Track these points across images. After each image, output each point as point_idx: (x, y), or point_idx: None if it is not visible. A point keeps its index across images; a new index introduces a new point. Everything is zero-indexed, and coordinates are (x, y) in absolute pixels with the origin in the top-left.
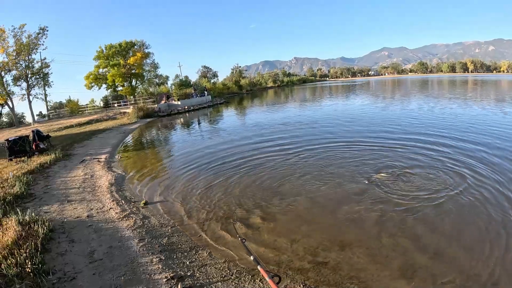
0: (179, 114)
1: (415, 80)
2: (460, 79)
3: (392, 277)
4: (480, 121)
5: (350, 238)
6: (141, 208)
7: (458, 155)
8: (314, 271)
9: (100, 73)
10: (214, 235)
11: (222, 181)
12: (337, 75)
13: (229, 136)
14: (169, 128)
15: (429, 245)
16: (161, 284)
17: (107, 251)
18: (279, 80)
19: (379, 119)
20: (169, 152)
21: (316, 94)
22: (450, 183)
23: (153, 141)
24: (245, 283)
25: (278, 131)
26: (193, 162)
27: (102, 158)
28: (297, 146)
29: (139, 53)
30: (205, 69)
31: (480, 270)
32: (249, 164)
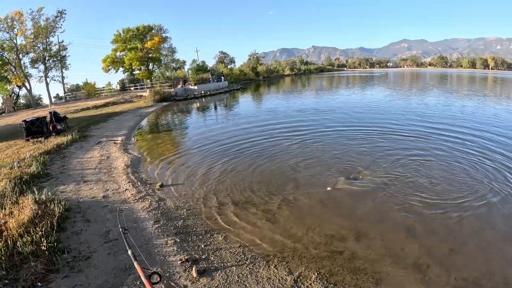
0: (195, 98)
1: (433, 74)
2: (479, 76)
3: (406, 270)
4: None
5: (366, 228)
6: (156, 190)
7: (477, 152)
8: (329, 260)
9: (117, 57)
10: (229, 219)
11: (238, 166)
12: (355, 66)
13: (245, 122)
14: (185, 112)
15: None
16: (175, 266)
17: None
18: (296, 68)
19: (391, 111)
20: (185, 136)
21: (332, 84)
22: (474, 179)
23: (169, 125)
24: (260, 269)
25: (294, 119)
26: (209, 146)
27: (118, 140)
28: (313, 133)
29: (156, 37)
30: (222, 55)
31: (495, 269)
32: (266, 150)
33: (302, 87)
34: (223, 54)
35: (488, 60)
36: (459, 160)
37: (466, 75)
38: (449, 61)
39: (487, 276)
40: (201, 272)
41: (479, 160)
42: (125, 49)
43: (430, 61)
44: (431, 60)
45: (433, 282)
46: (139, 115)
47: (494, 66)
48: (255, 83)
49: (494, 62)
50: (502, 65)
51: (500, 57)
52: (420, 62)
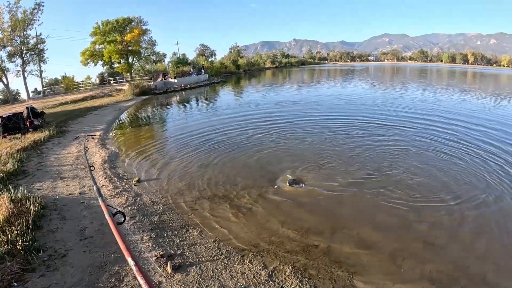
0: (175, 92)
1: (413, 68)
2: (459, 70)
3: (381, 262)
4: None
5: (342, 222)
6: (133, 186)
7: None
8: (304, 254)
9: (96, 50)
10: (205, 214)
11: (215, 160)
12: (336, 59)
13: (224, 115)
14: (164, 105)
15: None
16: (150, 262)
17: (98, 228)
18: (277, 61)
19: (372, 103)
20: (163, 130)
21: (313, 77)
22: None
23: (148, 119)
24: (234, 264)
25: (273, 111)
26: (187, 140)
27: (96, 135)
28: (291, 125)
29: (136, 30)
30: (203, 48)
31: (471, 262)
32: (245, 143)
33: (283, 80)
34: (203, 47)
35: (468, 55)
36: (436, 153)
37: (446, 70)
38: (429, 55)
39: (462, 269)
40: (176, 268)
41: (456, 154)
42: (104, 42)
43: (411, 55)
44: (412, 55)
45: (408, 274)
46: (118, 109)
47: (473, 61)
48: (235, 76)
49: (473, 57)
50: (482, 60)
51: (479, 52)
52: (400, 56)
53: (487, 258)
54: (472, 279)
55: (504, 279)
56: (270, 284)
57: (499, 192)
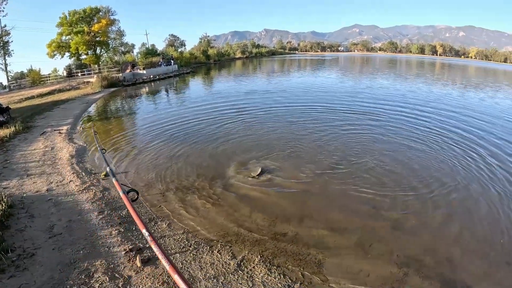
0: (144, 83)
1: (383, 59)
2: (428, 61)
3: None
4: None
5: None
6: (101, 180)
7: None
8: (272, 242)
9: (63, 41)
10: (174, 205)
11: (184, 151)
12: (307, 49)
13: (193, 106)
14: (133, 97)
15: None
16: (119, 257)
17: (66, 225)
18: (247, 51)
19: (337, 91)
20: (132, 122)
21: (284, 67)
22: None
23: (116, 111)
24: (203, 254)
25: (242, 101)
26: (156, 132)
27: (64, 130)
28: (260, 115)
29: (104, 20)
30: (172, 38)
31: (438, 246)
32: (213, 133)
33: (253, 70)
34: (173, 37)
35: (437, 46)
36: (403, 140)
37: (415, 60)
38: (399, 46)
39: (429, 253)
40: (145, 261)
41: (423, 141)
42: (71, 33)
43: (381, 46)
44: (382, 45)
45: (376, 259)
46: (86, 102)
47: (442, 52)
48: (205, 67)
49: (442, 48)
50: (450, 52)
51: (448, 44)
52: (370, 47)
53: (455, 242)
54: (439, 262)
55: (470, 262)
56: (239, 274)
57: (466, 178)
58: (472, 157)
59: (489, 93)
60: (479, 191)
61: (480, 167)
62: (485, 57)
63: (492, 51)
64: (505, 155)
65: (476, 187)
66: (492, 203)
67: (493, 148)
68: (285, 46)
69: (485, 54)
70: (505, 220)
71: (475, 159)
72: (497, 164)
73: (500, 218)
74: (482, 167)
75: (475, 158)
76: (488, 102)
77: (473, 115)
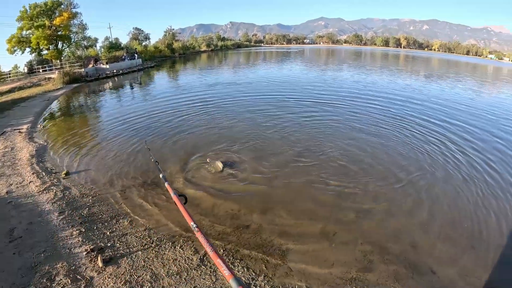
0: (107, 78)
1: (348, 51)
2: (392, 53)
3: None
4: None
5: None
6: (62, 179)
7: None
8: (235, 235)
9: (23, 36)
10: (135, 202)
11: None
12: (272, 42)
13: (157, 100)
14: (96, 93)
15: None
16: (81, 257)
17: (27, 227)
18: (213, 44)
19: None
20: (94, 118)
21: (249, 59)
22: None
23: (78, 108)
24: (166, 251)
25: (207, 93)
26: (119, 127)
27: (24, 129)
28: (223, 106)
29: (66, 13)
30: (136, 31)
31: (402, 232)
32: (175, 126)
33: (218, 63)
34: (137, 30)
35: (401, 39)
36: (368, 128)
37: (379, 53)
38: (364, 39)
39: (394, 240)
40: (107, 261)
41: (385, 130)
42: (32, 27)
43: (346, 38)
44: (347, 38)
45: (340, 248)
46: (47, 99)
47: (406, 45)
48: (170, 60)
49: (406, 41)
50: (414, 44)
51: (412, 37)
52: (336, 39)
53: (419, 229)
54: (404, 248)
55: (435, 247)
56: (202, 269)
57: (430, 164)
58: (436, 143)
59: (451, 83)
60: (444, 177)
61: (444, 153)
62: (448, 49)
63: (455, 44)
64: (468, 142)
65: (441, 173)
66: (458, 188)
67: (456, 135)
68: (251, 39)
69: (448, 47)
70: (470, 205)
71: (438, 146)
72: (460, 150)
73: (465, 203)
74: (446, 153)
75: (438, 144)
76: (449, 91)
77: (436, 104)
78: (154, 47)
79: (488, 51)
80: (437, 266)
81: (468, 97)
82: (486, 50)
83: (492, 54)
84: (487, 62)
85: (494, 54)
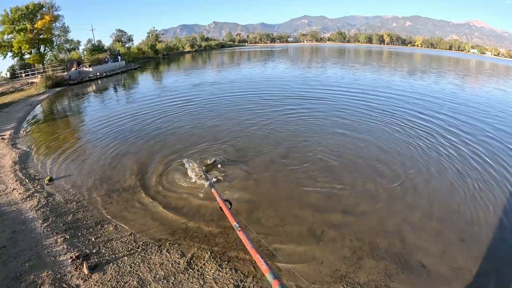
0: (91, 81)
1: (332, 48)
2: (375, 50)
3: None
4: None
5: (258, 200)
6: (45, 186)
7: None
8: (222, 237)
9: (5, 40)
10: (120, 207)
11: (129, 149)
12: (256, 41)
13: (140, 102)
14: (79, 96)
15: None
16: (66, 265)
17: (10, 236)
18: (197, 44)
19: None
20: (77, 122)
21: (233, 59)
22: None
23: (62, 112)
24: (152, 255)
25: (191, 94)
26: (102, 131)
27: (6, 135)
28: (207, 107)
29: (47, 16)
30: (119, 33)
31: (389, 227)
32: (158, 127)
33: (202, 63)
34: (120, 32)
35: (384, 36)
36: (354, 124)
37: (363, 50)
38: (347, 36)
39: (381, 235)
40: (93, 268)
41: (373, 126)
42: (14, 31)
43: (329, 36)
44: (330, 36)
45: (328, 246)
46: (30, 104)
47: (389, 41)
48: (154, 62)
49: (389, 38)
50: (397, 41)
51: (395, 33)
52: (319, 37)
53: (407, 223)
54: (392, 243)
55: (424, 241)
56: (189, 272)
57: (416, 159)
58: (424, 138)
59: (434, 78)
60: (431, 171)
61: (430, 147)
62: (430, 45)
63: (438, 40)
64: (455, 134)
65: (428, 166)
66: (445, 181)
67: (442, 128)
68: (235, 38)
69: (430, 42)
70: (459, 198)
71: (427, 140)
72: (451, 144)
73: (453, 196)
74: (432, 147)
75: (427, 138)
76: (434, 86)
77: (421, 99)
78: (138, 49)
79: (470, 45)
80: (427, 260)
81: (450, 91)
82: (469, 45)
83: (475, 48)
84: (469, 56)
85: (476, 49)
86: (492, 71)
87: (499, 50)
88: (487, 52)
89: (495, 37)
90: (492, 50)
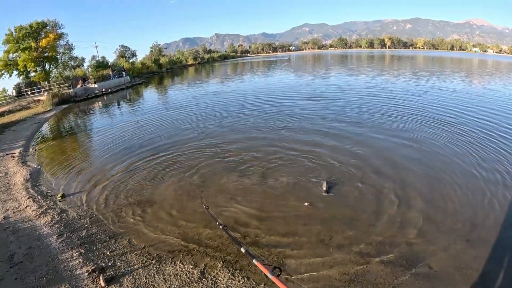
0: (96, 97)
1: (334, 55)
2: (378, 54)
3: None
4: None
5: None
6: (58, 202)
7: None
8: (233, 246)
9: (10, 59)
10: (132, 220)
11: (139, 164)
12: (258, 51)
13: (147, 118)
14: (86, 113)
15: None
16: (83, 279)
17: (26, 252)
18: (199, 57)
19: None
20: (85, 138)
21: (236, 70)
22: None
23: (69, 129)
24: (166, 266)
25: (196, 111)
26: (110, 147)
27: (16, 153)
28: (215, 120)
29: (51, 34)
30: (123, 49)
31: (396, 232)
32: (167, 142)
33: (206, 76)
34: (124, 47)
35: (385, 40)
36: (365, 131)
37: (365, 54)
38: (348, 42)
39: (389, 240)
40: (109, 280)
41: (382, 131)
42: (19, 50)
43: (331, 43)
44: (332, 42)
45: (337, 252)
46: (37, 122)
47: (391, 45)
48: (158, 76)
49: (390, 41)
50: (398, 44)
51: (396, 37)
52: (321, 45)
53: (414, 228)
54: (399, 245)
55: (424, 240)
56: (203, 281)
57: (422, 160)
58: (434, 135)
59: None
60: (440, 172)
61: (430, 147)
62: (432, 46)
63: (439, 40)
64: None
65: (438, 166)
66: (450, 180)
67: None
68: (237, 49)
69: (432, 43)
70: (462, 197)
71: (424, 140)
72: (459, 140)
73: (457, 194)
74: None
75: (437, 133)
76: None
77: (432, 100)
78: (141, 63)
79: (472, 44)
80: (434, 261)
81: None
82: (470, 44)
83: (476, 47)
84: (472, 55)
85: (478, 47)
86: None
87: (500, 47)
88: (489, 50)
89: (496, 34)
90: (494, 47)
